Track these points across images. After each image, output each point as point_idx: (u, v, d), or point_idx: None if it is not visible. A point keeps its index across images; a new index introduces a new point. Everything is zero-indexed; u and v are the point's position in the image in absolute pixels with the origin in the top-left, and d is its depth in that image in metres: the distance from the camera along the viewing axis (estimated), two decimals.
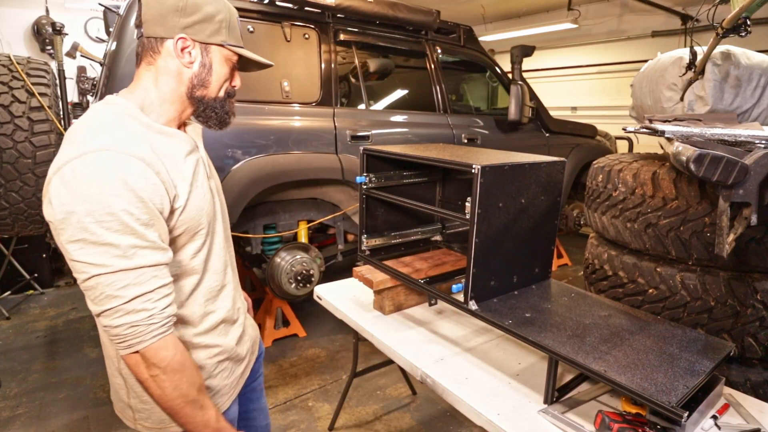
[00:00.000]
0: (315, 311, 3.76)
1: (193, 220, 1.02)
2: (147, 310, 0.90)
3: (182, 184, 0.99)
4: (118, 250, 0.86)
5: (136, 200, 0.88)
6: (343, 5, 3.07)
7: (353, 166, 3.00)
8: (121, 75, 2.41)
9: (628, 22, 6.35)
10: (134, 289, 0.88)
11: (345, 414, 2.57)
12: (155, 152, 0.94)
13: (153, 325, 0.91)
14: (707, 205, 1.83)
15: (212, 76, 1.04)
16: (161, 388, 0.93)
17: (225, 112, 1.10)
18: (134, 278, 0.88)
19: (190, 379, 0.97)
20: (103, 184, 0.85)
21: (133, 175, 0.88)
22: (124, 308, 0.88)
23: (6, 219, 2.59)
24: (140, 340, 0.90)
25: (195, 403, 0.97)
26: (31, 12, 5.65)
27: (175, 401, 0.95)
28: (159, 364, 0.92)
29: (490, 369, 1.52)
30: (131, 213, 0.87)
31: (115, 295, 0.87)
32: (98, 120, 0.94)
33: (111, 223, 0.85)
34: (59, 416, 2.53)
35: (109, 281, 0.86)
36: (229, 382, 1.18)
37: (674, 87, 2.30)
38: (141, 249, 0.88)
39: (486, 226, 1.43)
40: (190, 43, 1.00)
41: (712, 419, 1.24)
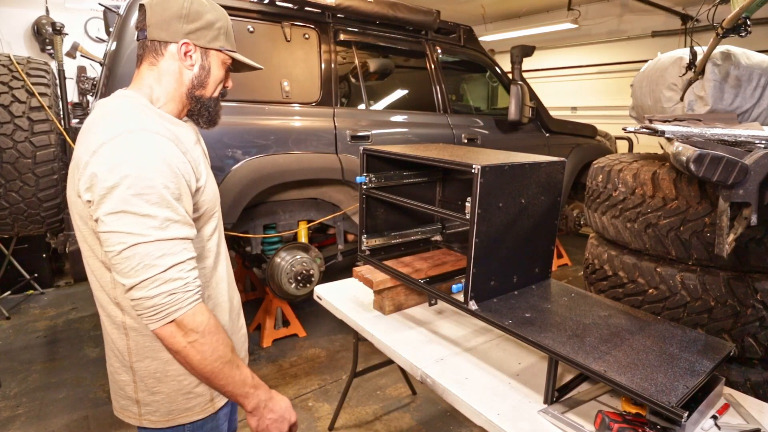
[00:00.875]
0: (315, 311, 3.76)
1: (210, 201, 1.12)
2: (182, 278, 0.95)
3: (200, 166, 1.08)
4: (155, 221, 0.92)
5: (172, 175, 0.95)
6: (343, 5, 3.07)
7: (353, 166, 3.00)
8: (121, 75, 2.41)
9: (628, 22, 6.35)
10: (170, 259, 0.93)
11: (345, 414, 2.57)
12: (176, 136, 1.03)
13: (189, 292, 0.95)
14: (707, 205, 1.83)
15: (210, 78, 1.13)
16: (201, 353, 0.97)
17: (215, 112, 1.18)
18: (169, 248, 0.93)
19: (225, 340, 1.02)
20: (143, 159, 0.92)
21: (167, 151, 0.96)
22: (161, 277, 0.92)
23: (6, 219, 2.59)
24: (178, 307, 0.94)
25: (232, 362, 1.02)
26: (31, 12, 5.65)
27: (215, 363, 0.99)
28: (197, 329, 0.96)
29: (490, 369, 1.52)
30: (167, 187, 0.94)
31: (153, 264, 0.91)
32: (118, 109, 1.01)
33: (151, 195, 0.91)
34: (59, 416, 2.53)
35: (146, 251, 0.91)
36: None
37: (674, 87, 2.30)
38: (174, 222, 0.95)
39: (486, 226, 1.43)
40: (192, 47, 1.08)
41: (712, 419, 1.24)
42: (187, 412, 1.11)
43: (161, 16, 1.05)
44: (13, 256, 3.98)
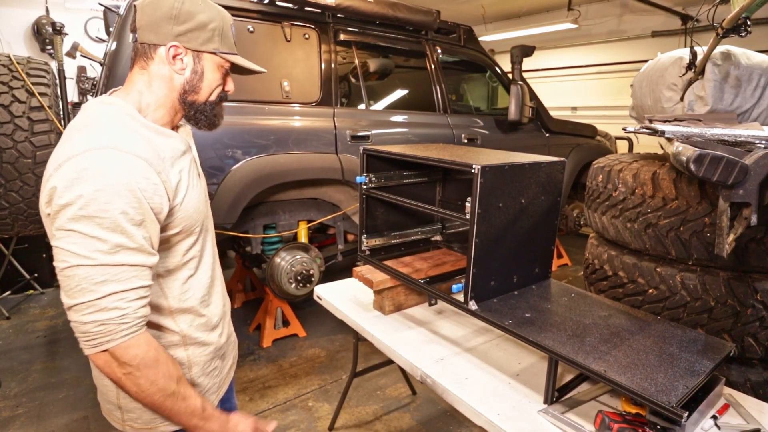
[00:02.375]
0: (315, 311, 3.76)
1: (190, 218, 1.05)
2: (120, 308, 0.88)
3: (181, 183, 1.02)
4: (104, 245, 0.86)
5: (134, 200, 0.89)
6: (343, 5, 3.07)
7: (353, 166, 3.00)
8: (121, 75, 2.42)
9: (628, 22, 6.35)
10: (111, 286, 0.87)
11: (345, 414, 2.57)
12: (156, 151, 0.96)
13: (124, 325, 0.89)
14: (707, 205, 1.83)
15: (203, 83, 1.06)
16: (137, 385, 0.93)
17: (214, 115, 1.12)
18: (113, 275, 0.87)
19: (167, 372, 0.96)
20: (104, 181, 0.86)
21: (134, 174, 0.89)
22: (97, 304, 0.87)
23: (6, 219, 2.59)
24: (110, 338, 0.88)
25: (175, 395, 0.97)
26: (31, 12, 5.66)
27: (154, 396, 0.94)
28: (131, 362, 0.91)
29: (490, 369, 1.52)
30: (126, 212, 0.88)
31: (91, 289, 0.86)
32: (98, 119, 0.95)
33: (103, 219, 0.86)
34: (59, 416, 2.53)
35: (87, 274, 0.86)
36: (218, 381, 1.20)
37: (674, 87, 2.30)
38: (126, 249, 0.89)
39: (486, 226, 1.43)
40: (182, 50, 1.02)
41: (712, 419, 1.24)
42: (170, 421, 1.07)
43: (151, 17, 1.00)
44: (13, 256, 3.98)
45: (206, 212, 1.15)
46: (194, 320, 1.11)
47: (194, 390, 1.03)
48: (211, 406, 1.05)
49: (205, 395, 1.15)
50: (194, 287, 1.11)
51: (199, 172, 1.17)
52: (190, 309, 1.10)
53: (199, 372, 1.13)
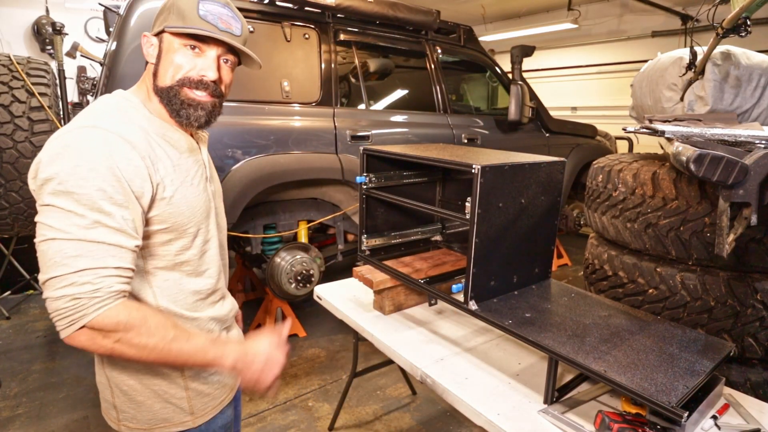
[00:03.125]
0: (315, 311, 3.76)
1: (181, 215, 1.02)
2: (92, 284, 0.85)
3: (172, 176, 1.00)
4: (81, 219, 0.85)
5: (113, 179, 0.88)
6: (343, 5, 3.07)
7: (353, 166, 3.00)
8: (121, 75, 2.41)
9: (628, 22, 6.35)
10: (85, 261, 0.85)
11: (345, 414, 2.57)
12: (148, 140, 0.96)
13: (96, 298, 0.85)
14: (707, 205, 1.83)
15: (161, 64, 1.02)
16: (135, 346, 0.89)
17: (178, 104, 1.02)
18: (89, 250, 0.85)
19: (159, 323, 0.92)
20: (84, 156, 0.86)
21: (116, 154, 0.89)
22: (68, 278, 0.84)
23: (6, 219, 2.59)
24: (83, 313, 0.85)
25: (178, 338, 0.93)
26: (31, 12, 5.66)
27: (159, 347, 0.90)
28: (116, 328, 0.87)
29: (490, 369, 1.52)
30: (104, 190, 0.87)
31: (64, 263, 0.84)
32: (98, 106, 0.98)
33: (81, 196, 0.85)
34: (59, 416, 2.53)
35: (61, 247, 0.84)
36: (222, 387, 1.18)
37: (674, 87, 2.30)
38: (104, 227, 0.87)
39: (486, 226, 1.43)
40: (149, 37, 1.03)
41: (712, 419, 1.24)
42: (165, 423, 1.07)
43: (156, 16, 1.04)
44: (13, 256, 3.98)
45: (207, 217, 1.11)
46: (187, 324, 1.07)
47: (195, 329, 0.99)
48: (220, 338, 1.01)
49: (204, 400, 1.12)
50: (188, 291, 1.08)
51: (208, 177, 1.14)
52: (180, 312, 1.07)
53: (193, 375, 1.10)
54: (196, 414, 1.11)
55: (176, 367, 0.98)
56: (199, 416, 1.11)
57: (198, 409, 1.11)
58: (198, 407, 1.11)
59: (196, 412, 1.11)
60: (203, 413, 1.12)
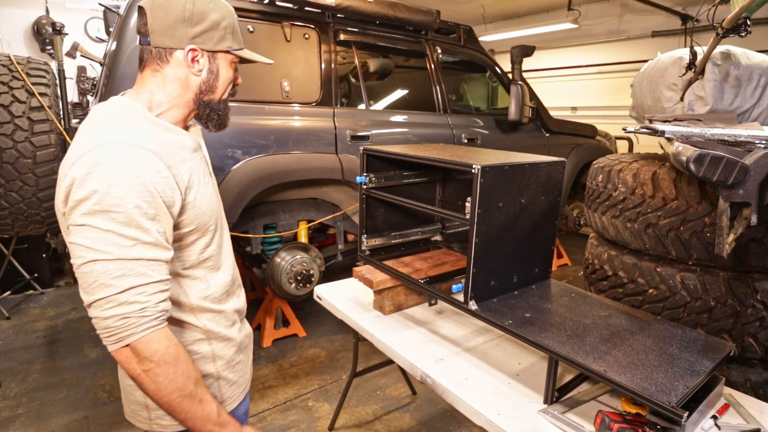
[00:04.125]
0: (315, 311, 3.76)
1: (203, 215, 1.05)
2: (140, 302, 0.88)
3: (193, 177, 1.02)
4: (120, 239, 0.86)
5: (146, 194, 0.89)
6: (343, 5, 3.07)
7: (353, 166, 3.00)
8: (121, 75, 2.41)
9: (628, 22, 6.35)
10: (130, 280, 0.87)
11: (345, 414, 2.57)
12: (165, 147, 0.97)
13: (144, 318, 0.89)
14: (707, 205, 1.83)
15: (219, 81, 1.07)
16: (155, 383, 0.91)
17: (225, 114, 1.12)
18: (131, 269, 0.87)
19: (186, 372, 0.94)
20: (116, 175, 0.86)
21: (145, 167, 0.90)
22: (117, 298, 0.86)
23: (6, 219, 2.59)
24: (131, 332, 0.88)
25: (193, 396, 0.95)
26: (31, 12, 5.65)
27: (172, 396, 0.93)
28: (151, 358, 0.90)
29: (490, 369, 1.52)
30: (139, 206, 0.88)
31: (109, 284, 0.86)
32: (108, 117, 0.96)
33: (118, 214, 0.86)
34: (59, 416, 2.53)
35: (105, 269, 0.86)
36: (244, 374, 1.22)
37: (674, 87, 2.30)
38: (142, 243, 0.89)
39: (486, 226, 1.43)
40: (199, 52, 1.03)
41: (712, 419, 1.24)
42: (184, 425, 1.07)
43: (164, 20, 0.99)
44: (13, 256, 3.98)
45: (219, 211, 1.15)
46: (215, 317, 1.12)
47: (211, 395, 1.01)
48: (226, 413, 1.03)
49: (232, 388, 1.17)
50: (214, 285, 1.12)
51: (210, 172, 1.17)
52: (211, 306, 1.10)
53: (224, 365, 1.14)
54: (226, 401, 1.15)
55: (169, 414, 0.97)
56: (228, 403, 1.15)
57: (228, 397, 1.15)
58: (228, 395, 1.15)
59: (226, 399, 1.15)
60: (231, 400, 1.16)
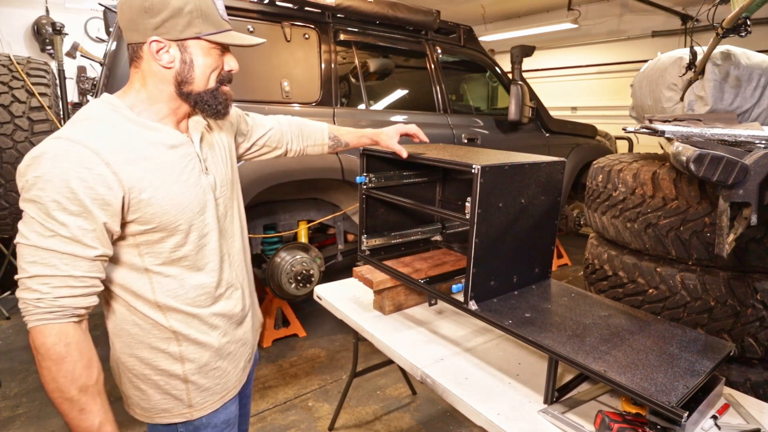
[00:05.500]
0: (315, 311, 3.76)
1: (166, 214, 1.00)
2: (40, 292, 0.89)
3: (151, 177, 0.98)
4: (40, 227, 0.89)
5: (67, 190, 0.89)
6: (343, 5, 3.07)
7: (353, 166, 3.00)
8: (121, 75, 2.41)
9: (628, 22, 6.35)
10: (37, 268, 0.89)
11: (345, 414, 2.57)
12: (120, 145, 0.95)
13: (39, 309, 0.90)
14: (707, 205, 1.83)
15: (194, 71, 1.01)
16: (41, 374, 0.92)
17: (218, 102, 1.06)
18: (42, 258, 0.89)
19: (70, 375, 0.92)
20: (44, 169, 0.89)
21: (75, 164, 0.89)
22: (24, 282, 0.90)
23: (6, 219, 2.59)
24: (27, 318, 0.91)
25: (72, 402, 0.93)
26: (31, 12, 5.66)
27: (53, 393, 0.93)
28: (38, 349, 0.91)
29: (490, 369, 1.52)
30: (58, 201, 0.89)
31: (23, 268, 0.90)
32: (83, 114, 0.98)
33: (41, 205, 0.89)
34: (59, 416, 2.51)
35: (23, 252, 0.90)
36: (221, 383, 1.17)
37: (674, 87, 2.30)
38: (59, 236, 0.89)
39: (486, 226, 1.43)
40: (165, 43, 0.97)
41: (712, 419, 1.24)
42: (164, 413, 1.10)
43: (128, 15, 0.96)
44: (13, 256, 3.98)
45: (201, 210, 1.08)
46: (187, 318, 1.08)
47: (100, 408, 0.96)
48: (111, 428, 0.98)
49: (203, 395, 1.13)
50: (189, 285, 1.08)
51: (203, 169, 1.09)
52: (181, 308, 1.07)
53: (194, 369, 1.11)
54: (195, 407, 1.12)
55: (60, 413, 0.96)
56: (197, 409, 1.13)
57: (197, 402, 1.12)
58: (197, 400, 1.12)
59: (195, 405, 1.12)
60: (202, 407, 1.13)
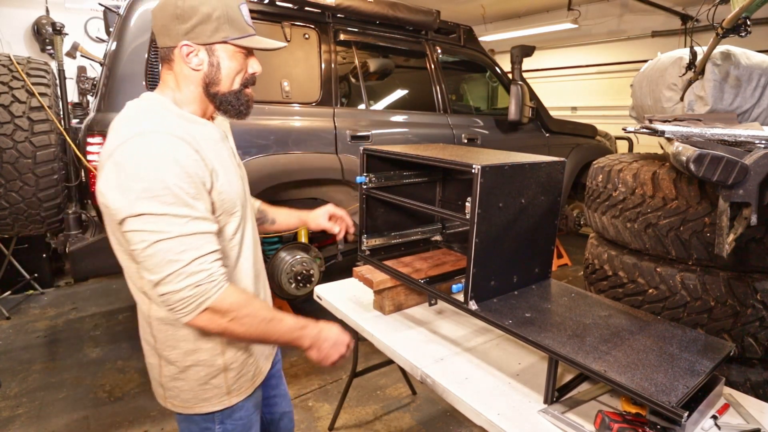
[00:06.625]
0: (315, 311, 3.75)
1: (230, 200, 1.11)
2: (206, 270, 0.98)
3: (218, 164, 1.08)
4: (175, 219, 0.95)
5: (185, 175, 0.96)
6: (343, 5, 3.07)
7: (353, 166, 3.00)
8: (121, 75, 2.41)
9: (628, 22, 6.35)
10: (192, 253, 0.96)
11: (345, 414, 2.57)
12: (192, 135, 1.04)
13: (213, 282, 0.99)
14: (707, 205, 1.83)
15: (221, 73, 1.09)
16: (244, 324, 1.04)
17: (241, 103, 1.14)
18: (190, 243, 0.96)
19: (261, 305, 1.09)
20: (155, 161, 0.94)
21: (178, 152, 0.97)
22: (185, 270, 0.96)
23: (6, 219, 2.59)
24: (207, 297, 0.98)
25: (273, 320, 1.09)
26: (31, 12, 5.66)
27: (259, 327, 1.06)
28: (231, 308, 1.01)
29: (490, 369, 1.52)
30: (181, 187, 0.96)
31: (176, 259, 0.95)
32: (138, 110, 1.05)
33: (166, 196, 0.94)
34: (59, 416, 2.53)
35: (168, 247, 0.94)
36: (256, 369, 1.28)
37: (674, 87, 2.30)
38: (193, 219, 0.98)
39: (486, 226, 1.43)
40: (194, 47, 1.05)
41: (712, 419, 1.24)
42: (204, 403, 1.17)
43: (161, 21, 1.05)
44: (13, 256, 3.98)
45: (245, 200, 1.21)
46: None
47: (282, 312, 1.15)
48: (300, 318, 1.16)
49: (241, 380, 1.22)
50: (242, 271, 1.20)
51: (238, 162, 1.23)
52: None
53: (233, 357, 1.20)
54: (233, 393, 1.21)
55: (263, 342, 1.16)
56: (234, 395, 1.21)
57: (234, 389, 1.21)
58: (234, 387, 1.21)
59: (233, 391, 1.20)
60: (239, 392, 1.22)
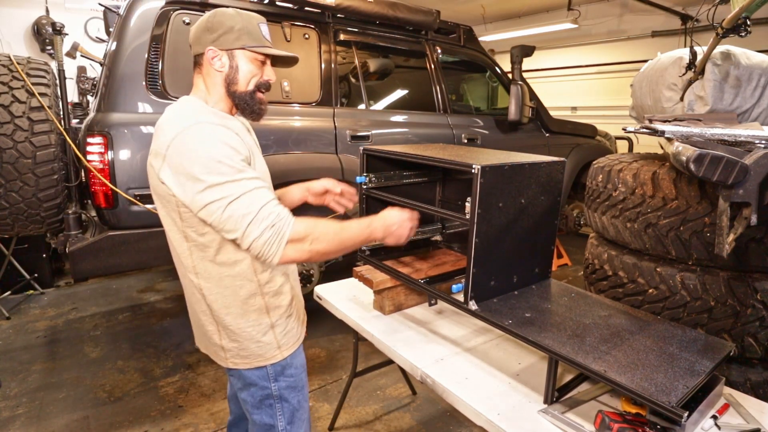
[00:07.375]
0: (315, 311, 3.75)
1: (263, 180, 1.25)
2: (273, 212, 1.16)
3: (252, 150, 1.28)
4: (235, 183, 1.14)
5: (233, 152, 1.16)
6: (343, 5, 3.07)
7: (353, 166, 3.00)
8: (121, 75, 2.41)
9: (628, 22, 6.35)
10: (257, 203, 1.15)
11: (345, 414, 2.56)
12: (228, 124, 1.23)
13: (283, 219, 1.17)
14: (707, 205, 1.83)
15: (239, 74, 1.29)
16: (324, 242, 1.22)
17: (254, 104, 1.33)
18: (254, 197, 1.15)
19: (327, 223, 1.25)
20: (207, 144, 1.14)
21: (224, 135, 1.18)
22: (258, 218, 1.14)
23: (6, 219, 2.58)
24: (285, 231, 1.17)
25: (344, 229, 1.27)
26: (31, 12, 5.66)
27: (336, 238, 1.25)
28: (306, 233, 1.20)
29: (490, 369, 1.52)
30: (232, 158, 1.15)
31: (248, 212, 1.14)
32: (182, 109, 1.25)
33: (223, 167, 1.13)
34: (59, 416, 2.53)
35: (237, 205, 1.13)
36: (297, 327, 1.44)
37: (674, 87, 2.30)
38: (249, 179, 1.16)
39: (486, 226, 1.43)
40: (218, 52, 1.27)
41: (712, 419, 1.24)
42: (260, 358, 1.34)
43: (194, 33, 1.29)
44: (13, 256, 3.98)
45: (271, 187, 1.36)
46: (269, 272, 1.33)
47: (345, 220, 1.32)
48: (364, 219, 1.37)
49: (287, 337, 1.38)
50: None
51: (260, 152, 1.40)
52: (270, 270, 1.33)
53: (277, 316, 1.36)
54: (282, 347, 1.37)
55: (344, 251, 1.30)
56: (284, 349, 1.38)
57: (284, 344, 1.38)
58: (283, 341, 1.37)
59: (282, 346, 1.37)
60: (288, 347, 1.39)
